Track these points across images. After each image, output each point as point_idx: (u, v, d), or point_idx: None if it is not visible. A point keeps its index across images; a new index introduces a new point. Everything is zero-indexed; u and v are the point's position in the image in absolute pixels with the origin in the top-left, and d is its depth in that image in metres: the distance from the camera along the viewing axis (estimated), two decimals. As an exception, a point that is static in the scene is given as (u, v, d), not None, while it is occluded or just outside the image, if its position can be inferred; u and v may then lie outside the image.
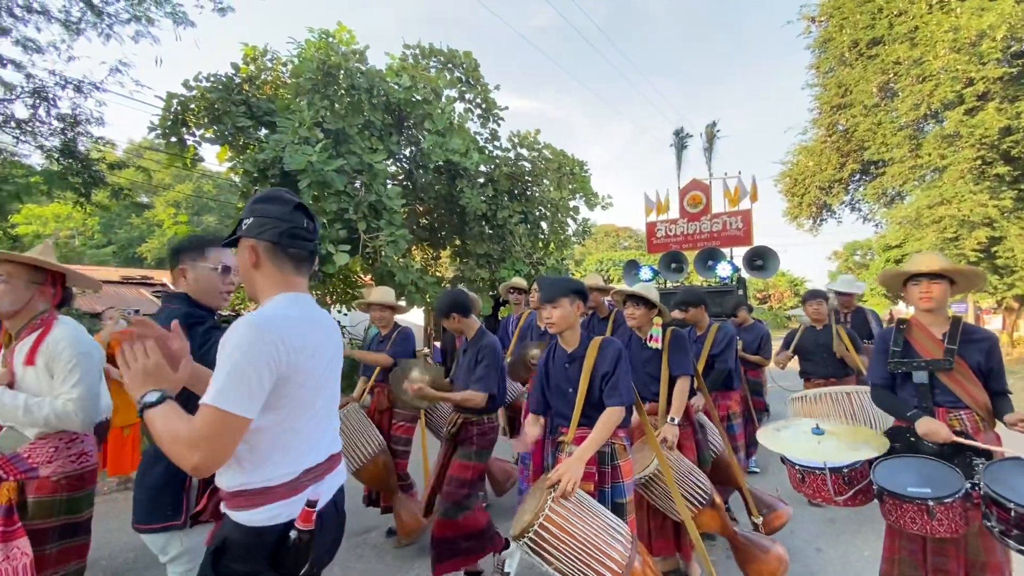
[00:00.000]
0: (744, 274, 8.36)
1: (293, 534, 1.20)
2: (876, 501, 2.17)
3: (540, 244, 10.23)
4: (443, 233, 10.27)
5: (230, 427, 1.12)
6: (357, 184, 7.21)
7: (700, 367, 3.75)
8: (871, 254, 37.47)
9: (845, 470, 2.22)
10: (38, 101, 7.53)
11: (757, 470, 5.03)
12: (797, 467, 2.34)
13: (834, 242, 49.78)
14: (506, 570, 3.06)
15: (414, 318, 16.57)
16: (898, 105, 16.03)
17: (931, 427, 2.16)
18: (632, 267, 9.20)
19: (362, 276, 8.71)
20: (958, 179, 14.57)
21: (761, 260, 8.40)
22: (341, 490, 1.46)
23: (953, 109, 14.52)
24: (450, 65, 8.88)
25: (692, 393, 3.13)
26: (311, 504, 1.22)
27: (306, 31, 9.44)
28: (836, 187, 19.89)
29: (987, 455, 2.09)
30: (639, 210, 10.92)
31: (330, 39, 9.53)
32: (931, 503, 1.93)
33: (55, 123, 7.72)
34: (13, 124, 7.23)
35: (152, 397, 1.18)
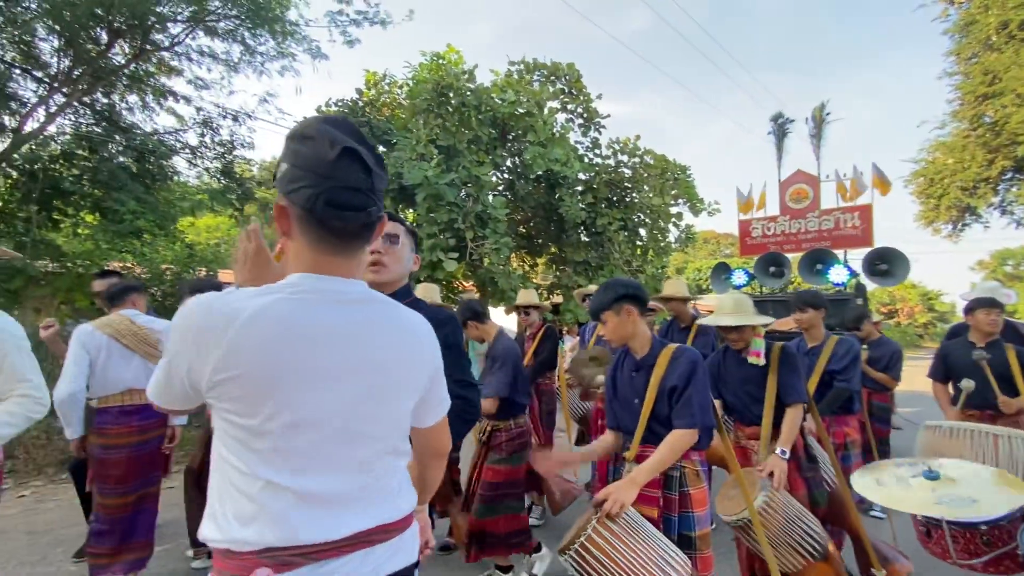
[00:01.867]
0: (864, 280, 7.19)
1: None
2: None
3: (639, 251, 10.17)
4: (540, 240, 10.58)
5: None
6: (464, 195, 7.72)
7: (813, 385, 3.29)
8: (1028, 264, 32.36)
9: (983, 527, 1.78)
10: (205, 130, 8.93)
11: (883, 516, 3.89)
12: (920, 517, 1.93)
13: (978, 250, 43.56)
14: (534, 571, 3.09)
15: (510, 323, 17.05)
16: (1064, 91, 13.86)
17: None
18: (722, 271, 8.16)
19: (463, 282, 9.23)
20: None
21: (886, 264, 7.10)
22: None
23: None
24: (552, 77, 9.21)
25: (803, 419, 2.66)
26: None
27: (419, 55, 10.31)
28: (982, 187, 17.53)
29: None
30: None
31: (440, 60, 10.33)
32: None
33: (217, 148, 9.10)
34: (188, 151, 8.65)
35: None
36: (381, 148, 10.28)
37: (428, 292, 3.89)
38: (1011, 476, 1.96)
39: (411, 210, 8.02)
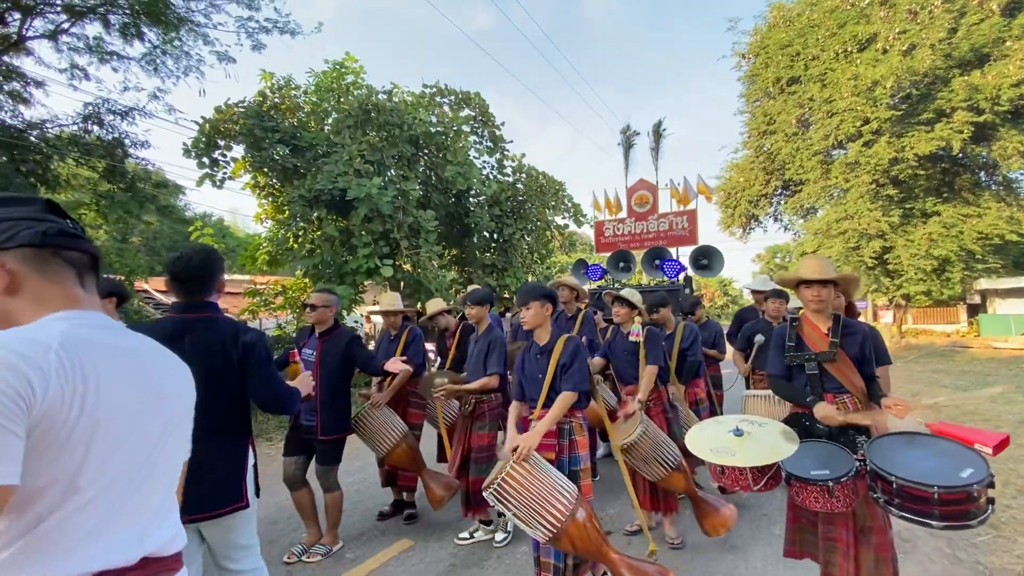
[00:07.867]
0: (690, 273, 8.55)
1: None
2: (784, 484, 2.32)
3: (530, 255, 11.86)
4: (444, 243, 11.69)
5: None
6: (394, 207, 8.49)
7: (674, 361, 4.13)
8: (790, 257, 42.01)
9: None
10: (91, 126, 8.22)
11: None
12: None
13: (758, 246, 54.85)
14: (509, 529, 3.67)
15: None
16: (812, 135, 18.99)
17: (826, 411, 2.40)
18: (581, 266, 9.14)
19: (385, 286, 9.93)
20: (858, 198, 17.62)
21: (706, 259, 8.69)
22: None
23: (854, 141, 17.54)
24: (463, 103, 10.30)
25: (666, 382, 3.68)
26: None
27: (322, 63, 10.57)
28: (762, 201, 22.90)
29: (866, 432, 2.36)
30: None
31: (343, 69, 10.74)
32: (831, 484, 2.10)
33: (105, 147, 8.42)
34: (75, 148, 7.90)
35: None
36: (282, 149, 10.33)
37: (393, 301, 4.22)
38: (790, 431, 2.45)
39: (343, 219, 8.52)
